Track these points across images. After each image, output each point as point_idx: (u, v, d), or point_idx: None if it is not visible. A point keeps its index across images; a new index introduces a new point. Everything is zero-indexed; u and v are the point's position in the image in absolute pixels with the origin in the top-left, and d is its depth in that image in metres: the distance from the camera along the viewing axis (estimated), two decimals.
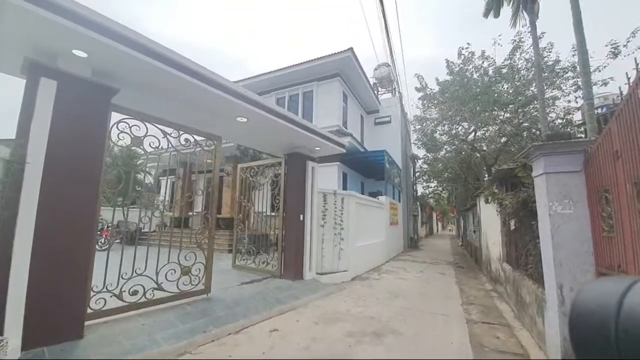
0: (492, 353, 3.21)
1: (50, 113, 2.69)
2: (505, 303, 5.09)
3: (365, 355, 3.05)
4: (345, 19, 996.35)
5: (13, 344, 2.40)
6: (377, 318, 4.18)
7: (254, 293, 4.78)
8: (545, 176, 2.79)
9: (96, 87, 3.03)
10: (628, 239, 2.13)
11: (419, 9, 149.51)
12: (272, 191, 6.38)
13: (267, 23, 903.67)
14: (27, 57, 2.65)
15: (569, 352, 2.54)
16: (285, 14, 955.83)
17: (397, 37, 42.45)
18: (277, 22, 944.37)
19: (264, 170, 6.66)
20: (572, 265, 2.60)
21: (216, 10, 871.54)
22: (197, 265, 4.21)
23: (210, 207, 4.73)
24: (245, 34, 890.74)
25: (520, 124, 10.60)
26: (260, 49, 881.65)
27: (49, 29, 2.49)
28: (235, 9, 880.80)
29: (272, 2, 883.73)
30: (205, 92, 3.65)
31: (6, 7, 2.21)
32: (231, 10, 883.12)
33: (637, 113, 1.98)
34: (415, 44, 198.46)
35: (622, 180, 2.18)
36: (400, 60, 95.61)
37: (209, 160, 4.74)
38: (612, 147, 2.27)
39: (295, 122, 5.02)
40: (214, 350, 3.05)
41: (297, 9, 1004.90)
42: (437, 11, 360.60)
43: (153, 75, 3.22)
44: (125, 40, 2.81)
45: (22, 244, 2.48)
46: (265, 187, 6.72)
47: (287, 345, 3.24)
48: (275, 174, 6.42)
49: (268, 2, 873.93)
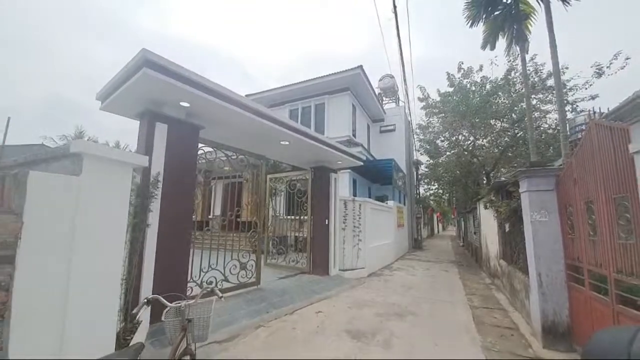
0: (491, 327, 4.18)
1: (164, 147, 3.66)
2: (501, 293, 6.07)
3: (394, 329, 4.01)
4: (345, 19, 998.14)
5: (146, 319, 3.35)
6: (397, 304, 5.15)
7: (293, 285, 5.75)
8: (528, 193, 3.78)
9: (190, 126, 4.02)
10: (583, 240, 3.11)
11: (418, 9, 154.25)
12: (299, 198, 7.35)
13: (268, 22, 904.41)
14: (147, 109, 3.62)
15: (548, 319, 3.51)
16: (285, 14, 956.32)
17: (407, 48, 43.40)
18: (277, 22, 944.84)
19: (291, 181, 7.62)
20: (547, 259, 3.58)
21: (214, 8, 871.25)
22: (250, 262, 5.19)
23: (257, 215, 5.70)
24: (246, 33, 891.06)
25: (516, 134, 11.63)
26: (261, 48, 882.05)
27: (167, 89, 3.45)
28: (235, 8, 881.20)
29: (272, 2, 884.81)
30: (261, 125, 4.62)
31: (141, 75, 3.16)
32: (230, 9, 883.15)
33: (586, 155, 2.97)
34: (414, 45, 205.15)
35: (579, 199, 3.17)
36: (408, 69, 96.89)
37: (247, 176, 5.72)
38: (573, 175, 3.26)
39: (324, 143, 6.00)
40: (280, 325, 4.02)
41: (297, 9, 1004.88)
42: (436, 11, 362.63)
43: (228, 115, 4.18)
44: (216, 93, 3.78)
45: (150, 244, 3.44)
46: (284, 194, 7.69)
47: (333, 322, 4.21)
48: (290, 182, 7.38)
49: (268, 3, 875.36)
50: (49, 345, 1.76)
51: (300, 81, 13.24)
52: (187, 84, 3.45)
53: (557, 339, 3.46)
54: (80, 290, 1.90)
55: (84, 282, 1.93)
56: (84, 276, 1.93)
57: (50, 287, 1.77)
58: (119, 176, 2.16)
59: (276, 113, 4.94)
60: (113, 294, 2.14)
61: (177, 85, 3.36)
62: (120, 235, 2.18)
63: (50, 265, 1.79)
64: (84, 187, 1.93)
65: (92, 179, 1.97)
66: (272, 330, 3.86)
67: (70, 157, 1.96)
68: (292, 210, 7.79)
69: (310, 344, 3.48)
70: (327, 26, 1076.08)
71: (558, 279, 3.53)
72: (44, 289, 1.75)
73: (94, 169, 1.99)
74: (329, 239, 6.93)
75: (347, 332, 3.84)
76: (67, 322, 1.83)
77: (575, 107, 10.06)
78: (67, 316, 1.83)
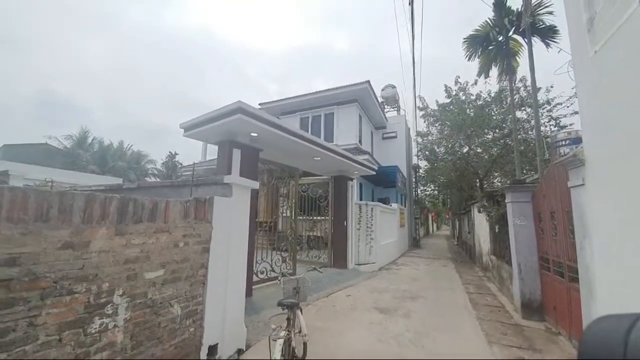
0: (483, 306, 5.42)
1: (239, 167, 4.80)
2: (492, 283, 7.34)
3: (409, 307, 5.22)
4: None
5: None
6: (408, 290, 6.37)
7: (321, 276, 6.90)
8: (511, 203, 5.03)
9: (253, 149, 5.17)
10: (549, 238, 4.36)
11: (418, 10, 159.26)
12: (320, 203, 8.53)
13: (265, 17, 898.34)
14: (226, 138, 4.77)
15: (525, 298, 4.74)
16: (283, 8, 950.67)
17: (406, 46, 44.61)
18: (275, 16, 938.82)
19: (310, 187, 8.78)
20: (525, 253, 4.83)
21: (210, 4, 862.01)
22: (287, 257, 6.37)
23: (292, 218, 6.86)
24: (243, 30, 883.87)
25: (507, 143, 12.98)
26: (258, 45, 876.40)
27: (246, 125, 4.59)
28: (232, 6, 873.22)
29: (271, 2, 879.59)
30: (303, 146, 5.77)
31: (235, 118, 4.30)
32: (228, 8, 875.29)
33: (550, 180, 4.21)
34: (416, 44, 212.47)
35: (546, 210, 4.41)
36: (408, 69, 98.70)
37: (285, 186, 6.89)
38: (542, 192, 4.50)
39: (348, 158, 7.19)
40: (322, 304, 5.20)
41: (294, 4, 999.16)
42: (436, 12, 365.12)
43: (280, 139, 5.33)
44: (275, 125, 4.93)
45: None
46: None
47: (362, 302, 5.40)
48: (310, 188, 8.57)
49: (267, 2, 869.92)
50: (220, 295, 2.93)
51: (312, 92, 14.40)
52: (260, 121, 4.61)
53: (532, 312, 4.71)
54: (234, 261, 3.10)
55: (235, 258, 3.11)
56: (235, 255, 3.12)
57: (223, 260, 2.95)
58: (246, 195, 3.33)
59: (289, 122, 6.12)
60: (245, 264, 3.35)
61: (254, 123, 4.52)
62: (247, 233, 3.35)
63: (223, 249, 2.95)
64: (234, 204, 3.09)
65: (236, 198, 3.13)
66: (318, 307, 5.04)
67: (224, 184, 3.10)
68: (306, 212, 8.95)
69: (350, 316, 4.67)
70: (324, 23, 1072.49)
71: (533, 268, 4.77)
72: (221, 262, 2.91)
73: (237, 192, 3.15)
74: (346, 237, 8.14)
75: (375, 308, 5.05)
76: (229, 277, 3.01)
77: (559, 122, 11.43)
78: (229, 274, 3.01)
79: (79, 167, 20.33)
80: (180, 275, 2.49)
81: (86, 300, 1.84)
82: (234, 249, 3.13)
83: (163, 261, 2.33)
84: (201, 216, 2.71)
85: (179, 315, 2.47)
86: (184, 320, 2.51)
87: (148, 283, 2.21)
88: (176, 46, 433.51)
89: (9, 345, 1.55)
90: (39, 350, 1.66)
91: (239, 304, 3.25)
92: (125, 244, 2.04)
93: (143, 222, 2.17)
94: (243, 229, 3.29)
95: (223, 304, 2.95)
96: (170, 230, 2.39)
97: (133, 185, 4.20)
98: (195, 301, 2.64)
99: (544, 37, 7.30)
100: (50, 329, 1.70)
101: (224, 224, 2.96)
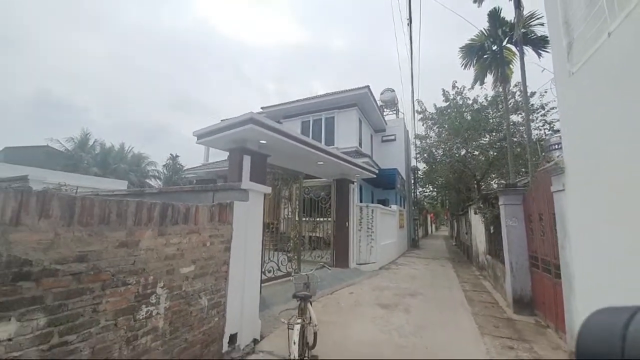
0: (478, 302, 5.76)
1: (249, 172, 5.13)
2: (487, 281, 7.69)
3: (409, 303, 5.55)
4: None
5: None
6: (408, 288, 6.71)
7: (325, 275, 7.23)
8: (504, 205, 5.38)
9: (262, 155, 5.49)
10: (538, 238, 4.71)
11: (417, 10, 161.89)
12: (323, 205, 8.86)
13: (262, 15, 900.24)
14: (238, 146, 5.10)
15: (517, 294, 5.09)
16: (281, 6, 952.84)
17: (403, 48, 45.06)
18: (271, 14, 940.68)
19: (316, 190, 9.12)
20: (516, 252, 5.18)
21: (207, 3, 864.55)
22: (292, 256, 6.69)
23: (298, 220, 7.19)
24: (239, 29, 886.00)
25: (503, 147, 13.35)
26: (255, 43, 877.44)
27: (257, 134, 4.93)
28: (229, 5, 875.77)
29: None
30: (307, 151, 6.11)
31: (247, 127, 4.64)
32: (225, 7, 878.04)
33: (538, 185, 4.56)
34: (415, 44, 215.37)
35: (535, 212, 4.76)
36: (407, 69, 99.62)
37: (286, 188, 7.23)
38: (532, 196, 4.86)
39: (349, 162, 7.53)
40: (327, 301, 5.53)
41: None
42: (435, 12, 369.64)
43: (287, 146, 5.66)
44: (284, 133, 5.27)
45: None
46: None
47: (364, 299, 5.74)
48: (312, 190, 8.90)
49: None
50: (239, 289, 3.25)
51: (313, 97, 14.76)
52: (269, 130, 4.94)
53: (523, 307, 5.05)
54: (250, 258, 3.44)
55: (251, 256, 3.45)
56: (251, 253, 3.45)
57: (241, 257, 3.28)
58: (260, 199, 3.66)
59: (290, 125, 6.45)
60: (259, 262, 3.68)
61: (264, 132, 4.85)
62: (261, 233, 3.69)
63: (241, 247, 3.29)
64: (250, 207, 3.43)
65: (252, 202, 3.47)
66: (323, 304, 5.37)
67: (241, 190, 3.43)
68: (309, 213, 9.27)
69: (354, 311, 5.01)
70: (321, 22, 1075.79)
71: (524, 266, 5.12)
72: (240, 260, 3.25)
73: (252, 197, 3.48)
74: (348, 238, 8.48)
75: (377, 304, 5.39)
76: (246, 273, 3.34)
77: (552, 126, 11.82)
78: (246, 270, 3.34)
79: (81, 170, 20.57)
80: (207, 271, 2.82)
81: (136, 291, 2.16)
82: (250, 247, 3.46)
83: (194, 258, 2.66)
84: (224, 219, 3.04)
85: (206, 306, 2.79)
86: (210, 310, 2.84)
87: (182, 277, 2.54)
88: (176, 46, 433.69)
89: (78, 327, 1.88)
90: (100, 332, 1.99)
91: (255, 298, 3.58)
92: (165, 243, 2.37)
93: (179, 224, 2.50)
94: (257, 230, 3.62)
95: (241, 297, 3.28)
96: (200, 231, 2.72)
97: (154, 190, 4.51)
98: (219, 294, 2.97)
99: (535, 47, 7.68)
100: (109, 315, 2.03)
101: (242, 225, 3.29)
